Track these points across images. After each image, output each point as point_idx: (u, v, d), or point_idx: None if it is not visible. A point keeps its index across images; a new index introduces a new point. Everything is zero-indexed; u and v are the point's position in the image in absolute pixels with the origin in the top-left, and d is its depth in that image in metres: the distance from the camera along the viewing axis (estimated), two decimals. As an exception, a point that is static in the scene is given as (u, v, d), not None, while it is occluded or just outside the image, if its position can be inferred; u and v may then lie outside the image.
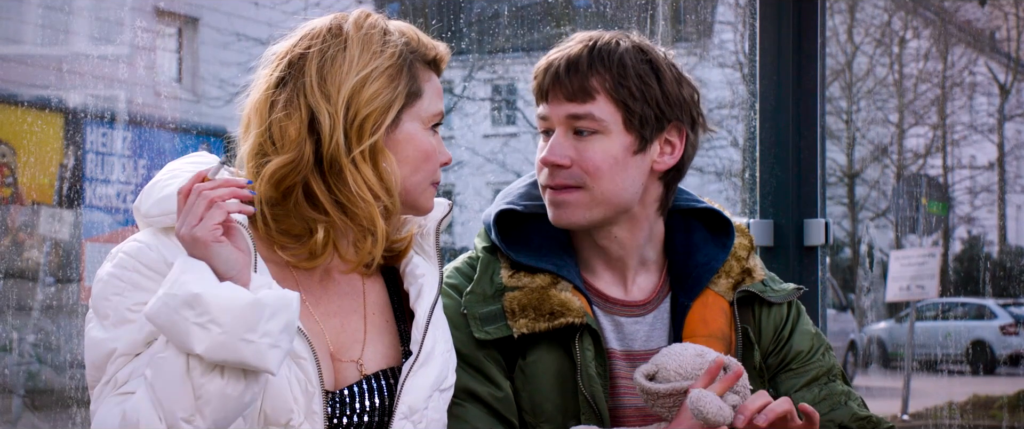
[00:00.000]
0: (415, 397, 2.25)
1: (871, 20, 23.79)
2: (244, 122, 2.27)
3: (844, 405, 2.56)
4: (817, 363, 2.59)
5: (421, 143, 2.27)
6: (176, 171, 2.23)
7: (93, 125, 11.03)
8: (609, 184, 2.46)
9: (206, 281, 1.99)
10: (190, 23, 16.59)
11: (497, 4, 16.73)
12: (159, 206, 2.18)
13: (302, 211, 2.21)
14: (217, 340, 1.97)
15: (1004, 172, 25.76)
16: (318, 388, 2.19)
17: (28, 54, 12.10)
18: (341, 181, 2.20)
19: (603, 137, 2.46)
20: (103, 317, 2.13)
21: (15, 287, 10.13)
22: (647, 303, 2.56)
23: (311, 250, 2.23)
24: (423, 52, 2.29)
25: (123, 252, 2.16)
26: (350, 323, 2.30)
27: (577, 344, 2.46)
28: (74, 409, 8.99)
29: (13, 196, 10.61)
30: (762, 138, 3.93)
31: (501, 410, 2.44)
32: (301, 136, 2.19)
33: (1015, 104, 25.16)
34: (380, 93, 2.21)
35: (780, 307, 2.61)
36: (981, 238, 27.60)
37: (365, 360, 2.28)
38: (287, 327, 2.02)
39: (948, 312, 21.14)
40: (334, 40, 2.23)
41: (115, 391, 2.08)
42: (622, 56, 2.46)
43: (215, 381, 2.00)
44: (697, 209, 2.62)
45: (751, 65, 4.13)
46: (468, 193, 20.19)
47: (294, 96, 2.21)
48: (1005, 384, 16.37)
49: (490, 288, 2.51)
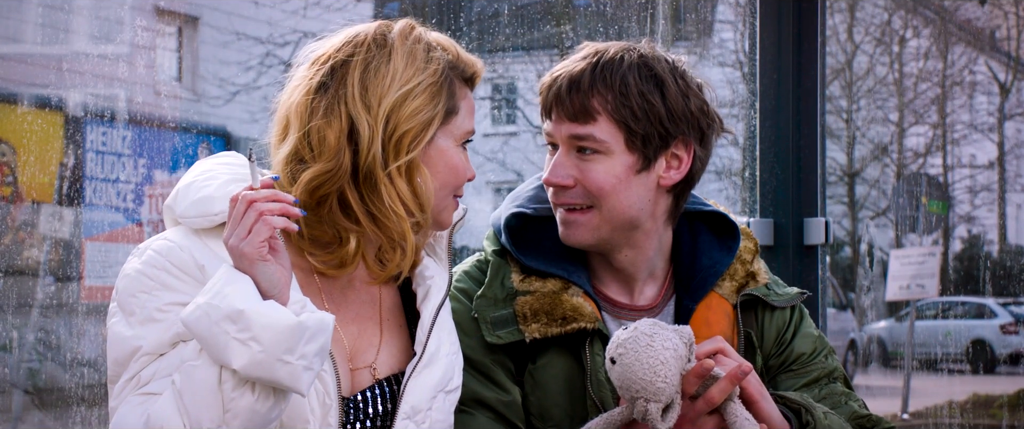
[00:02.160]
0: (418, 397, 2.25)
1: (871, 19, 23.79)
2: (281, 122, 2.25)
3: (844, 405, 2.56)
4: (818, 365, 2.59)
5: (452, 160, 2.27)
6: (211, 172, 2.22)
7: (93, 124, 11.03)
8: (615, 202, 2.46)
9: (251, 298, 1.98)
10: (190, 22, 16.59)
11: (497, 3, 16.73)
12: (196, 207, 2.17)
13: (335, 220, 2.21)
14: (256, 358, 1.97)
15: (1004, 171, 25.76)
16: (336, 399, 2.19)
17: (28, 53, 12.10)
18: (375, 193, 2.19)
19: (605, 157, 2.45)
20: (129, 314, 2.12)
21: (15, 286, 10.13)
22: (652, 307, 2.57)
23: (341, 259, 2.23)
24: (462, 69, 2.29)
25: (152, 250, 2.15)
26: (367, 330, 2.30)
27: (588, 349, 2.46)
28: (75, 407, 8.99)
29: (13, 195, 10.61)
30: (762, 137, 3.93)
31: (509, 415, 2.44)
32: (340, 145, 2.17)
33: (1015, 103, 25.16)
34: (422, 110, 2.20)
35: (783, 311, 2.61)
36: (981, 237, 27.60)
37: (378, 365, 2.29)
38: (322, 350, 2.03)
39: (948, 311, 21.14)
40: (379, 50, 2.22)
41: (137, 390, 2.08)
42: (625, 74, 2.44)
43: (246, 396, 2.00)
44: (703, 212, 2.62)
45: (751, 64, 4.14)
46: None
47: (335, 103, 2.19)
48: (1005, 383, 16.37)
49: (501, 292, 2.51)
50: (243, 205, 2.02)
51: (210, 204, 2.15)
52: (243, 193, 2.03)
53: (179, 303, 2.09)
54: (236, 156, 2.29)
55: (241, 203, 2.02)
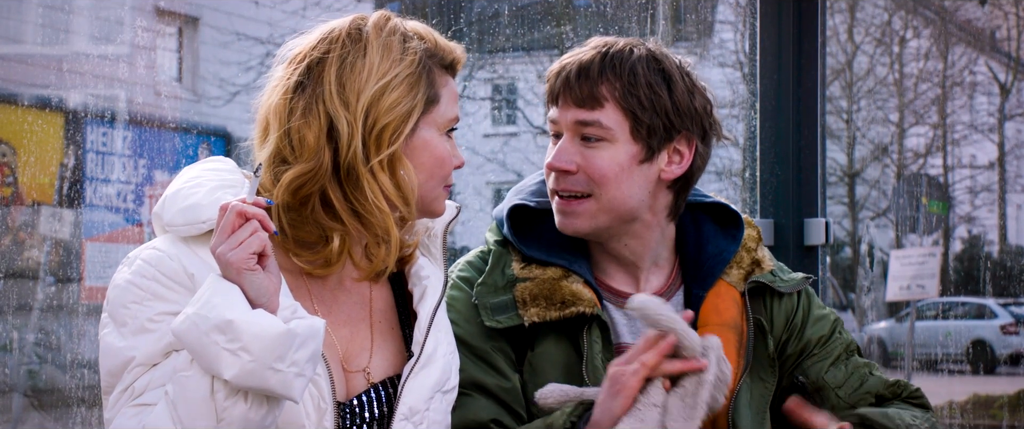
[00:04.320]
0: (416, 398, 2.25)
1: (871, 19, 23.79)
2: (262, 125, 2.24)
3: (871, 375, 2.61)
4: (837, 343, 2.63)
5: (436, 149, 2.25)
6: (197, 179, 2.20)
7: (93, 125, 11.03)
8: (615, 191, 2.47)
9: (239, 307, 1.97)
10: (190, 22, 16.59)
11: (497, 3, 16.73)
12: (183, 215, 2.16)
13: (319, 219, 2.20)
14: (246, 368, 1.96)
15: (1004, 171, 25.76)
16: (331, 403, 2.18)
17: (28, 54, 12.09)
18: (358, 190, 2.18)
19: (610, 145, 2.47)
20: (121, 324, 2.11)
21: (15, 287, 10.13)
22: (659, 296, 2.57)
23: (326, 258, 2.21)
24: (441, 56, 2.27)
25: (141, 260, 2.14)
26: (359, 332, 2.30)
27: (585, 335, 2.48)
28: (75, 408, 8.99)
29: (13, 196, 10.62)
30: (762, 137, 3.93)
31: (508, 401, 2.46)
32: (319, 144, 2.16)
33: (1015, 103, 25.15)
34: (400, 102, 2.19)
35: (790, 297, 2.64)
36: (981, 237, 27.60)
37: (372, 368, 2.28)
38: (313, 356, 2.02)
39: (948, 311, 21.15)
40: (354, 45, 2.20)
41: (132, 401, 2.07)
42: (634, 65, 2.46)
43: (239, 405, 1.99)
44: (705, 203, 2.65)
45: (751, 64, 4.13)
46: (468, 193, 20.17)
47: (313, 102, 2.18)
48: (1005, 383, 16.37)
49: (501, 280, 2.52)
50: (233, 215, 2.00)
51: (198, 212, 2.14)
52: (234, 203, 2.01)
53: (170, 313, 2.08)
54: (223, 161, 2.27)
55: (231, 213, 2.00)
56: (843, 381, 2.59)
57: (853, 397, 2.58)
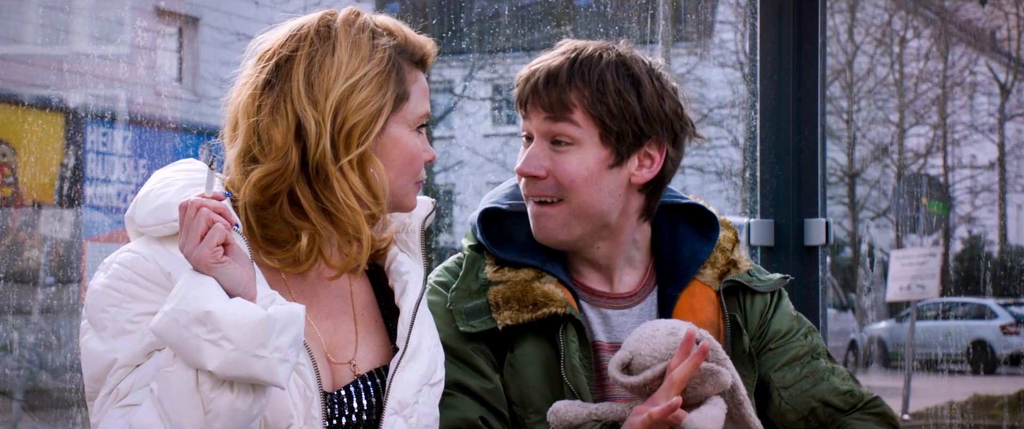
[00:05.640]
0: (404, 391, 2.25)
1: (871, 20, 23.81)
2: (231, 123, 2.23)
3: (826, 380, 2.59)
4: (797, 343, 2.62)
5: (406, 146, 2.25)
6: (167, 180, 2.21)
7: (93, 125, 11.04)
8: (585, 196, 2.48)
9: (216, 298, 1.97)
10: (190, 22, 16.60)
11: (497, 4, 16.74)
12: (153, 216, 2.16)
13: (287, 217, 2.19)
14: (229, 357, 1.96)
15: (1004, 172, 25.77)
16: (317, 392, 2.18)
17: (29, 54, 12.10)
18: (328, 188, 2.18)
19: (578, 150, 2.47)
20: (101, 329, 2.11)
21: (15, 287, 10.14)
22: (633, 295, 2.59)
23: (295, 256, 2.21)
24: (411, 52, 2.26)
25: (117, 263, 2.14)
26: (342, 325, 2.30)
27: (561, 335, 2.49)
28: (74, 409, 8.99)
29: (13, 196, 10.62)
30: (762, 138, 3.93)
31: (491, 401, 2.47)
32: (287, 143, 2.16)
33: (1015, 104, 25.17)
34: (369, 100, 2.18)
35: (765, 296, 2.65)
36: (981, 238, 27.61)
37: (358, 360, 2.28)
38: (295, 341, 2.02)
39: (948, 312, 21.16)
40: (322, 44, 2.19)
41: (118, 403, 2.07)
42: (602, 71, 2.46)
43: (225, 396, 1.99)
44: (680, 205, 2.66)
45: (751, 65, 4.13)
46: (468, 193, 20.19)
47: (280, 101, 2.17)
48: (1005, 384, 16.38)
49: (475, 284, 2.54)
50: (193, 211, 2.00)
51: (168, 211, 2.13)
52: (192, 200, 2.01)
53: (149, 313, 2.07)
54: (193, 162, 2.27)
55: (190, 210, 2.00)
56: (792, 383, 2.58)
57: (798, 401, 2.57)
